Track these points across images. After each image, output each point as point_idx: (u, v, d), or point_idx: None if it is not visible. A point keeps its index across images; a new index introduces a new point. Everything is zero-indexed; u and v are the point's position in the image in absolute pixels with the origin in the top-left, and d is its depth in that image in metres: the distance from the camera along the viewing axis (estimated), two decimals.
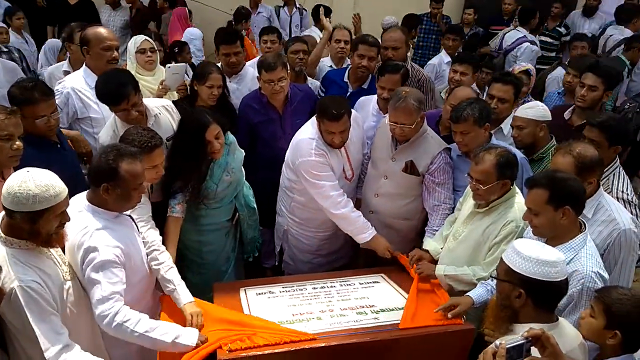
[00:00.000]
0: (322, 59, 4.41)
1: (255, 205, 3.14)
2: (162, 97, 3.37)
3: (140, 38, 3.65)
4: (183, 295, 2.30)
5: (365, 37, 3.67)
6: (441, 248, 2.76)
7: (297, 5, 6.77)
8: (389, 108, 2.89)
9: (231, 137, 2.96)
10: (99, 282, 2.00)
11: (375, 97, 3.38)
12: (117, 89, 2.62)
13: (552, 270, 1.69)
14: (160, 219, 2.68)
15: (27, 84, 2.51)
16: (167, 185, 2.78)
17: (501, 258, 1.83)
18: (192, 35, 5.46)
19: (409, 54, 4.90)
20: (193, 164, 2.72)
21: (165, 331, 2.05)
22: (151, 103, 2.93)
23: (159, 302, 2.44)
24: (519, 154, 2.76)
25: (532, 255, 1.71)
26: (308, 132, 3.02)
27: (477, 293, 2.37)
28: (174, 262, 2.47)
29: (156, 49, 3.76)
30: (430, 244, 2.84)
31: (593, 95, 3.15)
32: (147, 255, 2.36)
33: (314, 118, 3.01)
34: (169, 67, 3.47)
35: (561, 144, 2.46)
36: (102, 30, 3.18)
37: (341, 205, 2.96)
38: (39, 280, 1.84)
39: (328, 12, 5.24)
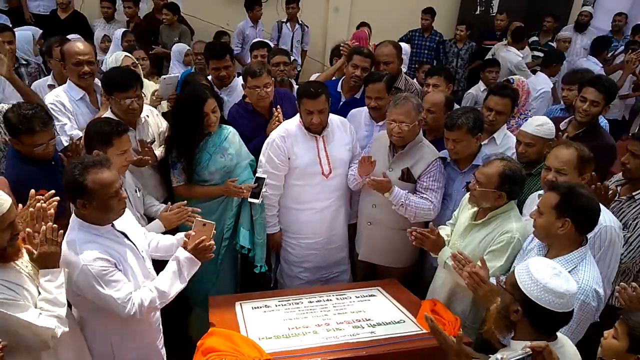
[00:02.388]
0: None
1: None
2: (155, 108, 3.43)
3: (121, 55, 3.68)
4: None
5: (361, 48, 3.76)
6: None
7: (300, 22, 6.83)
8: (389, 108, 2.95)
9: (232, 129, 3.13)
10: (110, 296, 2.00)
11: (366, 108, 3.43)
12: (128, 78, 2.84)
13: (557, 300, 1.62)
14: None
15: (27, 112, 2.46)
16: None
17: (513, 270, 1.79)
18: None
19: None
20: (189, 134, 2.93)
21: (175, 283, 2.18)
22: None
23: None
24: None
25: (541, 279, 1.64)
26: (291, 119, 3.18)
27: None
28: None
29: (137, 63, 3.78)
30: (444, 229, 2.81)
31: (595, 110, 3.18)
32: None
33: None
34: (164, 77, 3.51)
35: (553, 142, 2.61)
36: (75, 44, 3.17)
37: (265, 194, 3.08)
38: (4, 290, 1.76)
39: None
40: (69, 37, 4.17)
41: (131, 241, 2.21)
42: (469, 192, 2.58)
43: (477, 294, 2.22)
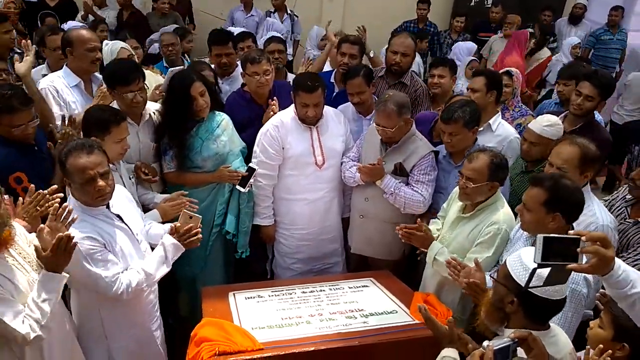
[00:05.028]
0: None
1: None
2: (157, 102, 3.39)
3: (117, 47, 3.63)
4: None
5: (348, 36, 3.76)
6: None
7: (289, 11, 6.76)
8: (375, 110, 2.96)
9: (225, 116, 3.12)
10: (98, 275, 2.04)
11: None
12: (132, 70, 2.80)
13: (551, 288, 1.64)
14: None
15: (5, 92, 2.46)
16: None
17: (505, 261, 1.80)
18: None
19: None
20: (180, 119, 2.91)
21: (161, 266, 2.25)
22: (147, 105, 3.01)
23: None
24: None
25: (541, 272, 1.61)
26: (286, 110, 3.17)
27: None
28: None
29: (133, 53, 3.75)
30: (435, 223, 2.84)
31: (589, 105, 3.18)
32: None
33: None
34: (172, 70, 3.47)
35: (562, 137, 2.55)
36: (82, 32, 3.18)
37: (257, 185, 3.12)
38: None
39: None
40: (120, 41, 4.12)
41: (126, 224, 2.23)
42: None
43: (478, 302, 2.19)
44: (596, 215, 2.34)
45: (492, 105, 3.33)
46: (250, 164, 3.04)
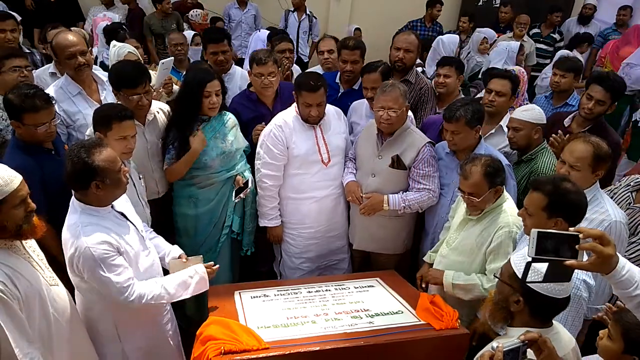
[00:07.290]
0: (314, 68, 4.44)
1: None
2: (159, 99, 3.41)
3: (124, 51, 3.58)
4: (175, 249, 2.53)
5: (346, 41, 3.69)
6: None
7: (308, 12, 6.75)
8: (376, 95, 2.96)
9: (232, 116, 3.18)
10: (109, 279, 2.03)
11: (366, 100, 3.42)
12: (137, 74, 2.79)
13: (557, 287, 1.64)
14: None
15: (28, 91, 2.47)
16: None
17: (508, 260, 1.80)
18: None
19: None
20: (189, 113, 2.94)
21: (182, 291, 2.27)
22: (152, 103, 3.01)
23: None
24: (504, 160, 2.78)
25: (540, 268, 1.60)
26: (287, 110, 3.17)
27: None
28: None
29: (141, 58, 3.76)
30: (430, 257, 2.87)
31: (600, 109, 3.17)
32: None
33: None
34: (162, 62, 3.48)
35: (574, 135, 2.59)
36: (64, 36, 3.03)
37: (263, 186, 3.14)
38: (4, 279, 1.75)
39: None
40: None
41: (130, 221, 2.25)
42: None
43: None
44: (608, 212, 2.34)
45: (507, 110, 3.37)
46: (249, 178, 3.08)
